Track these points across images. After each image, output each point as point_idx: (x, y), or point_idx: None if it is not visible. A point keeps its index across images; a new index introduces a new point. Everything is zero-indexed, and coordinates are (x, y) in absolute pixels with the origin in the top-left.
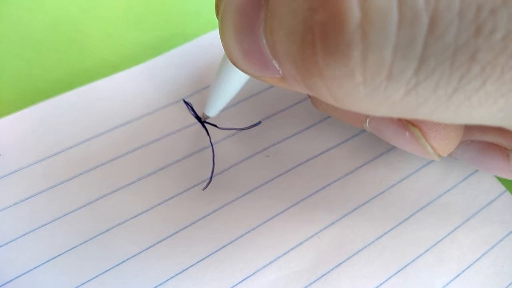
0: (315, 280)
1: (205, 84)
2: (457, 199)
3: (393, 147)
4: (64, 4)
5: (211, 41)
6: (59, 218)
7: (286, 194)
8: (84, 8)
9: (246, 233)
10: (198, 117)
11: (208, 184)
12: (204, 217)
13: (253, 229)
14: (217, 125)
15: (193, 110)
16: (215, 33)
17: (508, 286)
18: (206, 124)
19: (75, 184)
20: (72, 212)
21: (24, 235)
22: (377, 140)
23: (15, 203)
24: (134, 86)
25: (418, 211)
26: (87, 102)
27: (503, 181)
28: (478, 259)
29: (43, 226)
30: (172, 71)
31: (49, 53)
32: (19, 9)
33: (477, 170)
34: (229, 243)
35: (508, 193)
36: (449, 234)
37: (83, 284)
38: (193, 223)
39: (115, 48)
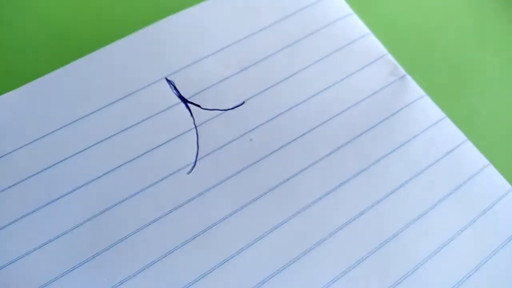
0: (299, 257)
1: (189, 61)
2: (441, 173)
3: (376, 124)
4: (54, 2)
5: (195, 14)
6: (46, 204)
7: (270, 175)
8: (73, 3)
9: (231, 214)
10: (181, 97)
11: (193, 167)
12: (189, 200)
13: (238, 210)
14: (201, 105)
15: (176, 89)
16: (199, 7)
17: (489, 256)
18: (189, 105)
19: (57, 171)
20: (58, 199)
21: (12, 222)
22: (361, 117)
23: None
24: (114, 64)
25: (401, 186)
26: (65, 84)
27: (487, 154)
28: (460, 232)
29: (32, 213)
30: (153, 47)
31: (39, 48)
32: (10, 7)
33: (460, 143)
34: (214, 225)
35: (491, 166)
36: (432, 208)
37: (72, 269)
38: (179, 206)
39: (104, 42)
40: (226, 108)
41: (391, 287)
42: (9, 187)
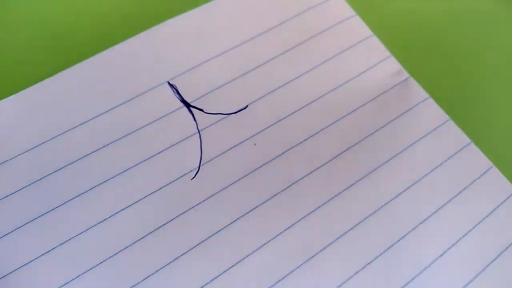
0: (304, 262)
1: (191, 65)
2: (445, 176)
3: (380, 127)
4: (53, 4)
5: (197, 17)
6: (48, 212)
7: (274, 180)
8: (73, 7)
9: (235, 220)
10: (184, 101)
11: (197, 173)
12: (193, 206)
13: (242, 216)
14: (204, 110)
15: (178, 93)
16: (201, 9)
17: (493, 260)
18: (192, 109)
19: (59, 177)
20: (60, 206)
21: (13, 230)
22: (364, 120)
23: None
24: (114, 68)
25: (405, 190)
26: (64, 89)
27: (491, 156)
28: (465, 235)
29: (33, 220)
30: (154, 50)
31: (38, 52)
32: (7, 10)
33: (464, 146)
34: (218, 231)
35: (495, 168)
36: (436, 211)
37: (75, 278)
38: (183, 212)
39: (105, 45)
40: (229, 112)
41: None
42: (10, 195)
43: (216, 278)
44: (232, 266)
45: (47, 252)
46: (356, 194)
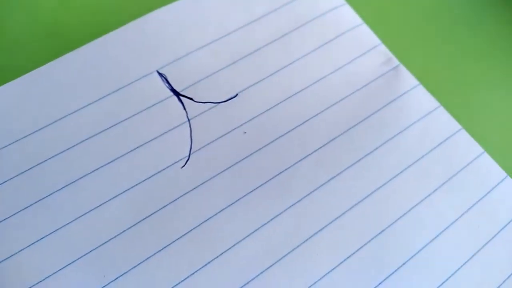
0: (295, 248)
1: (181, 54)
2: (436, 162)
3: (371, 115)
4: None
5: (186, 5)
6: (39, 201)
7: (264, 168)
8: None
9: (226, 208)
10: (173, 90)
11: (187, 161)
12: (183, 194)
13: (232, 203)
14: (194, 98)
15: (168, 82)
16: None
17: (484, 246)
18: (182, 98)
19: (49, 167)
20: (51, 194)
21: (5, 219)
22: (355, 108)
23: None
24: (105, 57)
25: (396, 176)
26: (54, 79)
27: (482, 142)
28: (456, 220)
29: (24, 209)
30: (144, 39)
31: (28, 42)
32: None
33: (455, 132)
34: (208, 219)
35: (486, 154)
36: (428, 197)
37: (67, 266)
38: (173, 201)
39: (95, 35)
40: (219, 101)
41: (389, 276)
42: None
43: (206, 265)
44: (223, 253)
45: (37, 241)
46: (346, 181)
